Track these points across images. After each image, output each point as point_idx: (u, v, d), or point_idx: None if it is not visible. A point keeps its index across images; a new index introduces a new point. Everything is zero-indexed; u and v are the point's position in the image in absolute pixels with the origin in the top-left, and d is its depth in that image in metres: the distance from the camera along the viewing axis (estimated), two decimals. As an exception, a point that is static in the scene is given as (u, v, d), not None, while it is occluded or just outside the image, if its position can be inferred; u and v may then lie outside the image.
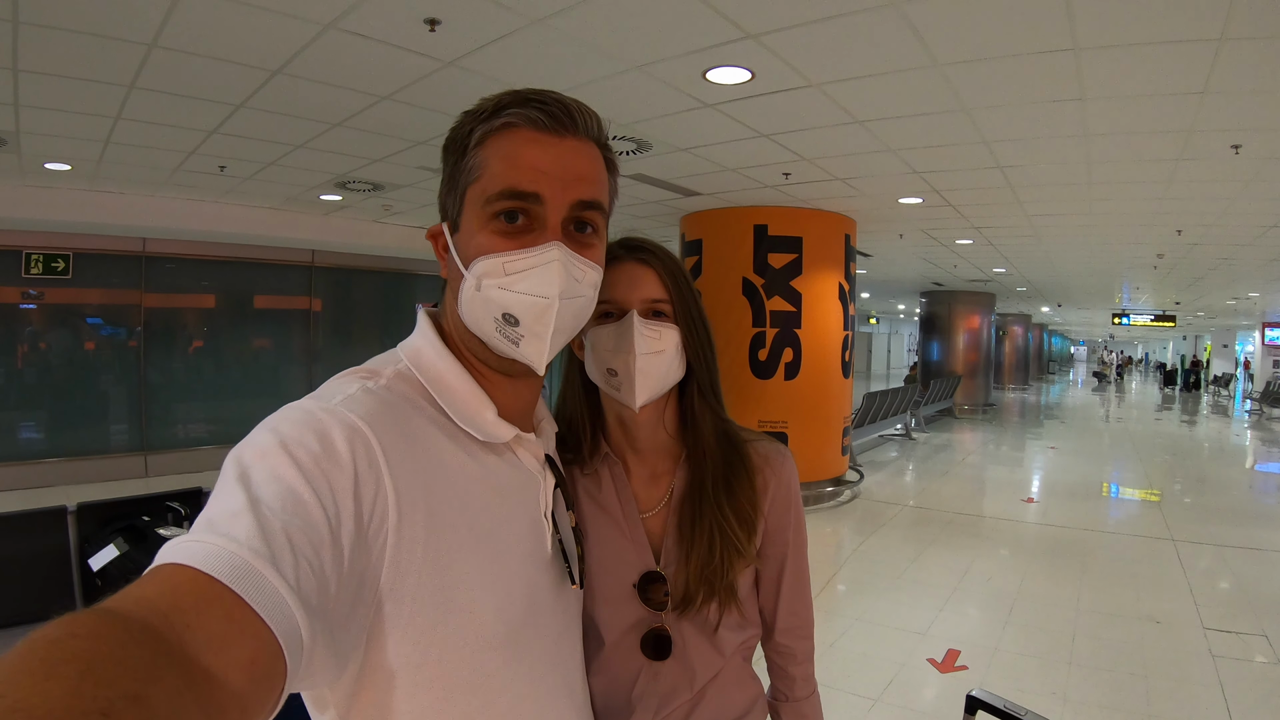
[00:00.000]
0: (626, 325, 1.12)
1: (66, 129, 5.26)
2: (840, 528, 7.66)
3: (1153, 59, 3.63)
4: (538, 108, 0.87)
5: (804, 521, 1.33)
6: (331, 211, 8.97)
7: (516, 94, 0.88)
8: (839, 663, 4.33)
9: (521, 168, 0.86)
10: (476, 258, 0.87)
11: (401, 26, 3.51)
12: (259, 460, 0.69)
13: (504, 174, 0.86)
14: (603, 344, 1.13)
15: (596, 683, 1.18)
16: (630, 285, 1.14)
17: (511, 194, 0.86)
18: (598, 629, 1.17)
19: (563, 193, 0.87)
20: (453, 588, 0.82)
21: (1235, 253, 10.00)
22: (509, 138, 0.87)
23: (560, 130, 0.88)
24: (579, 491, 1.20)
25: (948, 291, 18.75)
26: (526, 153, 0.86)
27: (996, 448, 13.60)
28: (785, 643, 1.34)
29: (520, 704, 0.91)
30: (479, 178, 0.87)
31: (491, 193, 0.86)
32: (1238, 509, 8.74)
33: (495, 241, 0.86)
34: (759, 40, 3.61)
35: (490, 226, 0.87)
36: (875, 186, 6.87)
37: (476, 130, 0.88)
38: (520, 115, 0.87)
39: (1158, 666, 4.27)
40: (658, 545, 1.20)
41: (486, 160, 0.87)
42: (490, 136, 0.87)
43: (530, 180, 0.86)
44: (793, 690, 1.35)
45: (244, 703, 0.54)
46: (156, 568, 0.58)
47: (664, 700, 1.19)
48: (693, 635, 1.20)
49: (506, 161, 0.86)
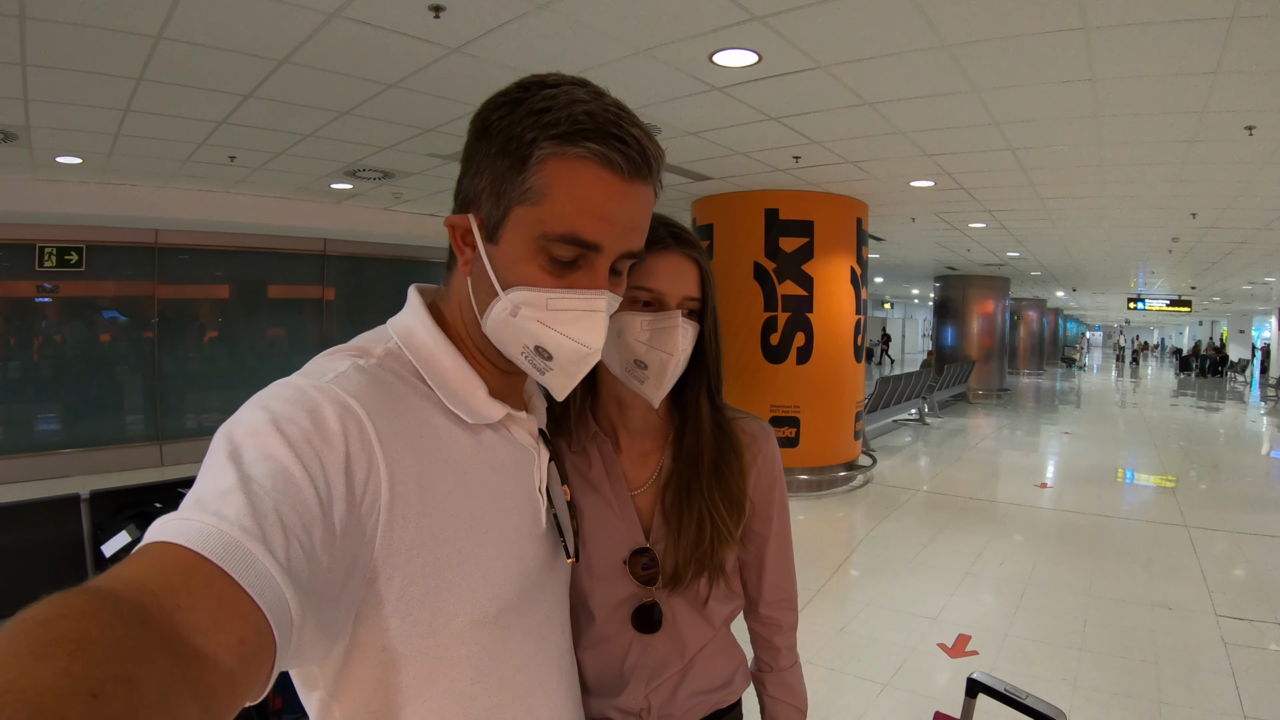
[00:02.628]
0: (670, 324, 1.11)
1: (76, 122, 5.29)
2: (853, 512, 7.66)
3: (1164, 38, 3.57)
4: (619, 148, 0.81)
5: (786, 496, 1.35)
6: (342, 200, 8.99)
7: (594, 118, 0.81)
8: (849, 647, 4.34)
9: (591, 216, 0.82)
10: (518, 285, 0.84)
11: (406, 13, 3.50)
12: (250, 438, 0.68)
13: (571, 217, 0.81)
14: (635, 334, 1.11)
15: (588, 657, 1.20)
16: (675, 279, 1.13)
17: (574, 240, 0.82)
18: (588, 604, 1.19)
19: (620, 243, 0.85)
20: (445, 565, 0.82)
21: (1251, 236, 9.88)
22: (581, 174, 0.81)
23: (634, 177, 0.83)
24: (569, 469, 1.20)
25: (962, 276, 18.64)
26: (598, 199, 0.82)
27: (1010, 433, 13.54)
28: (770, 614, 1.35)
29: (510, 679, 0.91)
30: (538, 204, 0.81)
31: (553, 233, 0.82)
32: (1253, 495, 8.67)
33: (542, 276, 0.84)
34: (765, 22, 3.58)
35: (539, 259, 0.83)
36: (886, 170, 6.83)
37: (542, 144, 0.80)
38: (599, 153, 0.80)
39: (1169, 653, 4.24)
40: (647, 522, 1.22)
41: (551, 190, 0.81)
42: (559, 162, 0.80)
43: (595, 231, 0.82)
44: (778, 660, 1.37)
45: (234, 682, 0.54)
46: (146, 546, 0.58)
47: (655, 671, 1.22)
48: (683, 608, 1.22)
49: (576, 204, 0.81)
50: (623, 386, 1.18)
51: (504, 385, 0.97)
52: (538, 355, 0.87)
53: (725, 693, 1.29)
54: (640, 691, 1.21)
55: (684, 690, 1.24)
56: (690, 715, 1.25)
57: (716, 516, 1.18)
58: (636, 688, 1.20)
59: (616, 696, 1.21)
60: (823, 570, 5.71)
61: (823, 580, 5.47)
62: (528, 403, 1.04)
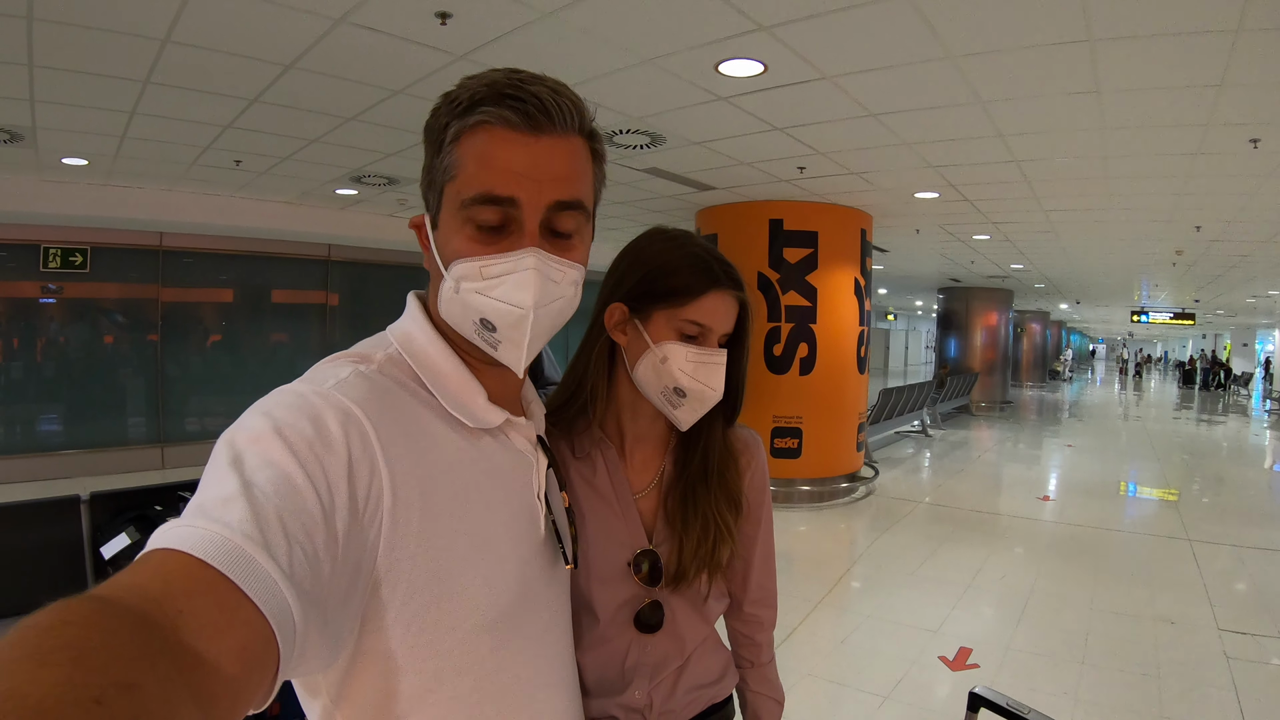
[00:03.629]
0: (715, 360, 1.18)
1: (83, 124, 5.31)
2: (854, 524, 7.63)
3: (1169, 50, 3.57)
4: (511, 105, 0.82)
5: (771, 502, 1.43)
6: (347, 206, 9.01)
7: (492, 85, 0.84)
8: (850, 659, 4.32)
9: (496, 171, 0.83)
10: (455, 260, 0.86)
11: (413, 20, 3.51)
12: (252, 444, 0.68)
13: (478, 177, 0.83)
14: (680, 364, 1.16)
15: (589, 658, 1.23)
16: (724, 318, 1.19)
17: (486, 199, 0.83)
18: (591, 606, 1.21)
19: (539, 195, 0.85)
20: (446, 571, 0.82)
21: (1255, 250, 9.87)
22: (483, 137, 0.83)
23: (536, 129, 0.84)
24: (573, 475, 1.24)
25: (965, 288, 18.66)
26: (501, 154, 0.83)
27: (1013, 445, 13.50)
28: (754, 612, 1.42)
29: (511, 685, 0.91)
30: (454, 177, 0.85)
31: (467, 196, 0.84)
32: (1256, 510, 8.63)
33: (472, 245, 0.85)
34: (771, 32, 3.59)
35: (466, 229, 0.85)
36: (890, 181, 6.83)
37: (451, 124, 0.85)
38: (493, 113, 0.82)
39: (1171, 668, 4.22)
40: (650, 525, 1.27)
41: (462, 160, 0.84)
42: (464, 133, 0.84)
43: (505, 184, 0.83)
44: (758, 656, 1.44)
45: (236, 690, 0.53)
46: (149, 553, 0.58)
47: (656, 669, 1.26)
48: (683, 608, 1.27)
49: (480, 163, 0.83)
50: (638, 396, 1.23)
51: (503, 391, 0.97)
52: (484, 329, 0.88)
53: (718, 688, 1.35)
54: (643, 689, 1.24)
55: (682, 685, 1.28)
56: (689, 710, 1.30)
57: (720, 517, 1.25)
58: (639, 685, 1.24)
59: (619, 695, 1.24)
60: (824, 582, 5.69)
61: (824, 592, 5.45)
62: (526, 409, 1.04)
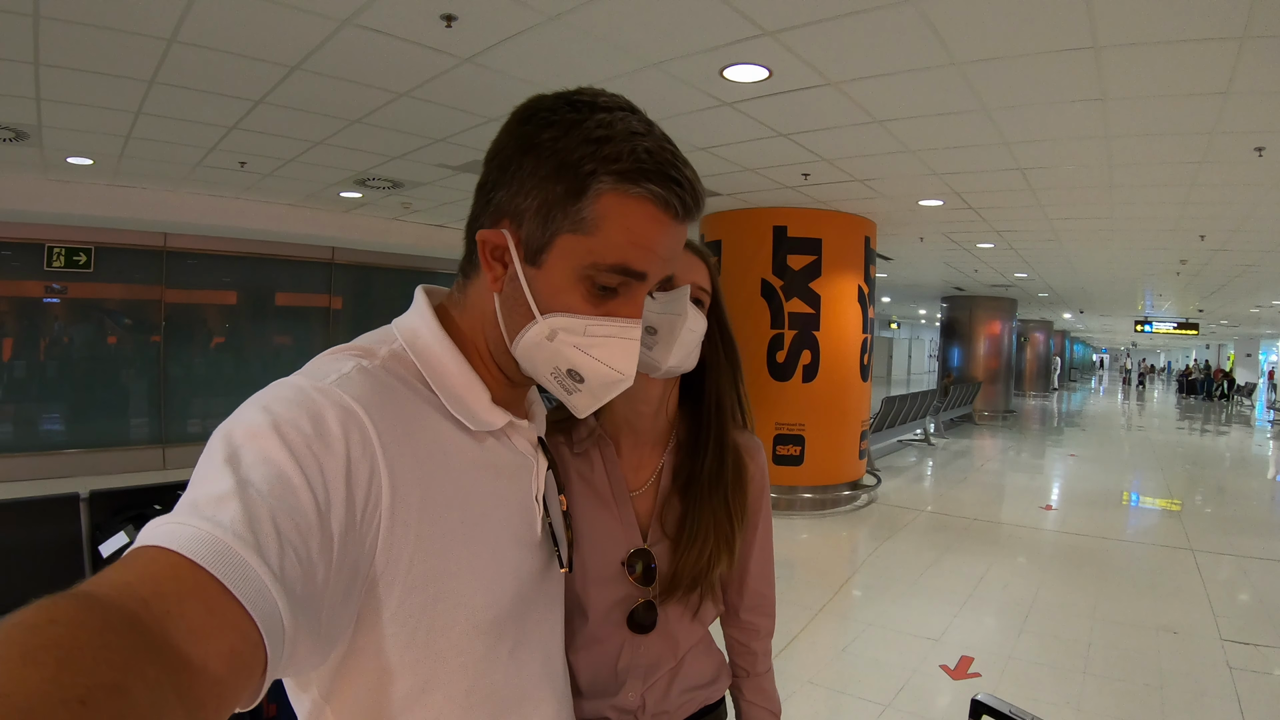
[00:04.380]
0: (681, 294, 1.17)
1: (88, 124, 5.31)
2: (856, 532, 7.62)
3: (1174, 58, 3.57)
4: (676, 192, 0.82)
5: (770, 508, 1.41)
6: (351, 209, 9.02)
7: (654, 157, 0.81)
8: (851, 667, 4.30)
9: (644, 250, 0.83)
10: (559, 312, 0.84)
11: (418, 22, 3.51)
12: (249, 440, 0.67)
13: (625, 250, 0.82)
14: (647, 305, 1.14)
15: (581, 658, 1.22)
16: (686, 268, 1.21)
17: (624, 271, 0.83)
18: (583, 605, 1.21)
19: (661, 273, 0.88)
20: (443, 572, 0.81)
21: (1259, 259, 9.86)
22: (639, 210, 0.81)
23: (685, 219, 0.86)
24: (570, 471, 1.23)
25: (969, 296, 18.66)
26: (652, 236, 0.83)
27: (1016, 454, 13.47)
28: (750, 620, 1.39)
29: (504, 687, 0.90)
30: (590, 234, 0.81)
31: (604, 263, 0.82)
32: (1259, 520, 8.61)
33: (584, 305, 0.84)
34: (776, 37, 3.59)
35: (583, 287, 0.84)
36: (895, 188, 6.83)
37: (602, 177, 0.80)
38: (660, 196, 0.81)
39: (1174, 678, 4.20)
40: (645, 524, 1.25)
41: (605, 222, 0.81)
42: (618, 197, 0.81)
43: (644, 262, 0.84)
44: (755, 665, 1.41)
45: (223, 692, 0.53)
46: (138, 550, 0.57)
47: (649, 670, 1.24)
48: (676, 609, 1.25)
49: (631, 239, 0.82)
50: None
51: (507, 394, 0.96)
52: (569, 378, 0.88)
53: (711, 690, 1.33)
54: (637, 690, 1.23)
55: (676, 687, 1.27)
56: (682, 711, 1.28)
57: (719, 530, 1.23)
58: (633, 686, 1.23)
59: (613, 697, 1.22)
60: (825, 590, 5.67)
61: (825, 600, 5.43)
62: (528, 410, 1.03)
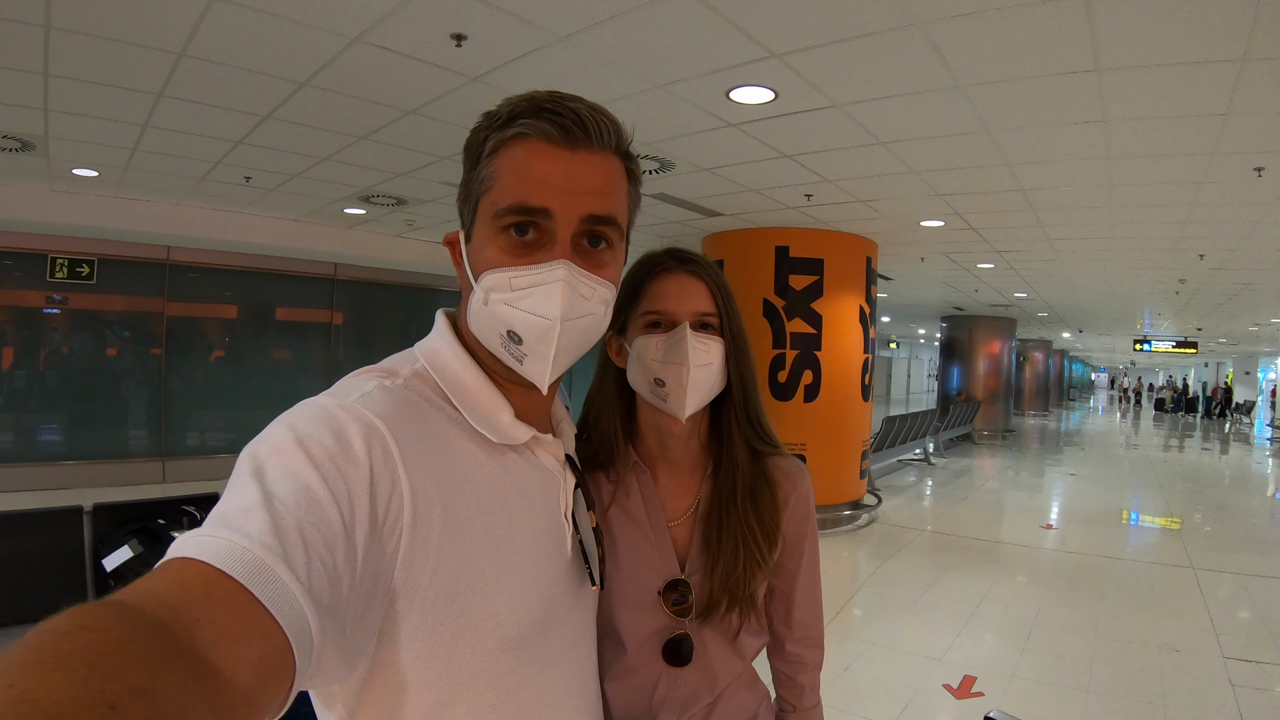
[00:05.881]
0: (679, 337, 1.13)
1: (95, 135, 5.34)
2: (857, 552, 7.59)
3: (1175, 80, 3.60)
4: (550, 118, 0.84)
5: (817, 535, 1.34)
6: (355, 225, 9.04)
7: (532, 101, 0.86)
8: (853, 688, 4.28)
9: (531, 181, 0.84)
10: (485, 271, 0.86)
11: (428, 41, 3.54)
12: (274, 456, 0.68)
13: (513, 187, 0.84)
14: (650, 354, 1.14)
15: (615, 689, 1.18)
16: (681, 297, 1.16)
17: (520, 209, 0.84)
18: (619, 635, 1.17)
19: (573, 207, 0.85)
20: (467, 587, 0.81)
21: (1258, 278, 9.89)
22: (520, 149, 0.85)
23: (573, 142, 0.85)
24: (607, 499, 1.21)
25: (968, 316, 18.67)
26: (536, 165, 0.84)
27: (1015, 473, 13.45)
28: (796, 652, 1.34)
29: (529, 705, 0.89)
30: (490, 188, 0.86)
31: (501, 206, 0.84)
32: (1259, 538, 8.59)
33: (504, 256, 0.85)
34: (782, 60, 3.62)
35: (499, 240, 0.85)
36: (897, 209, 6.86)
37: (490, 138, 0.87)
38: (532, 126, 0.84)
39: (1176, 695, 4.18)
40: (683, 554, 1.21)
41: (498, 171, 0.85)
42: (503, 146, 0.86)
43: (539, 194, 0.84)
44: (801, 700, 1.36)
45: (251, 700, 0.53)
46: (168, 561, 0.58)
47: (685, 705, 1.20)
48: (715, 641, 1.21)
49: (516, 174, 0.84)
50: (659, 414, 1.19)
51: (530, 408, 0.96)
52: (511, 341, 0.87)
53: None
54: None
55: None
56: None
57: (751, 540, 1.18)
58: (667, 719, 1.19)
59: None
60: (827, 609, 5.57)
61: (827, 619, 5.36)
62: (556, 428, 1.04)
